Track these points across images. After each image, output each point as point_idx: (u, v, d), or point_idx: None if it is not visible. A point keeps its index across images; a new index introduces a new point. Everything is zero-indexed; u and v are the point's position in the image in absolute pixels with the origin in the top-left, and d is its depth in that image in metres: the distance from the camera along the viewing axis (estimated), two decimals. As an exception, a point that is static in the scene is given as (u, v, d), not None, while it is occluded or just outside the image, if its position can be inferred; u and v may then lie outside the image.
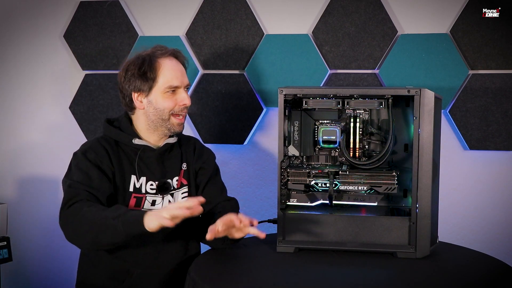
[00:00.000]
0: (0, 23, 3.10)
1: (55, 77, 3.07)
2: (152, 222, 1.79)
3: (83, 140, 3.00)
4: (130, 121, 2.16)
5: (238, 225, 1.93)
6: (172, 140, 2.16)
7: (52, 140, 3.09)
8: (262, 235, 1.93)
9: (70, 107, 3.03)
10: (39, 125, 3.11)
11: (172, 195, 2.14)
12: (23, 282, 3.17)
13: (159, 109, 2.08)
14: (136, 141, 2.10)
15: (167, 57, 2.10)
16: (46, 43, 3.06)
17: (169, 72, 2.08)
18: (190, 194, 2.18)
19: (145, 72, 2.06)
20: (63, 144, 3.08)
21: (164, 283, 2.12)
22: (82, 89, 2.99)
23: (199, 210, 1.82)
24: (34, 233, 3.13)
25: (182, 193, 2.17)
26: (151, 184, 2.11)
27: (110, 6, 2.94)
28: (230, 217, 1.92)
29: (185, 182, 2.18)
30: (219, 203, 2.18)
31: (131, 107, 2.13)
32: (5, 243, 2.83)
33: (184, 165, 2.19)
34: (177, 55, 2.14)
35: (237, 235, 1.99)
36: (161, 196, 2.12)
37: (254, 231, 1.94)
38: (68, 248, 3.08)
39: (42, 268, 3.14)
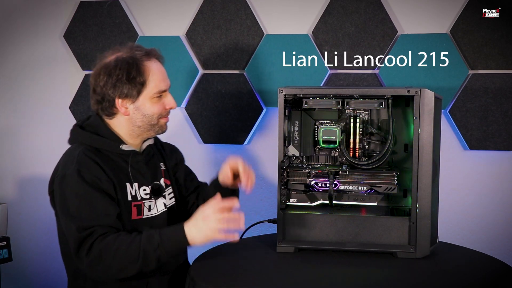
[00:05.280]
0: (0, 23, 3.10)
1: (55, 77, 3.07)
2: (198, 237, 1.82)
3: (83, 140, 3.00)
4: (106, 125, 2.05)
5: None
6: (151, 141, 2.12)
7: (52, 140, 3.09)
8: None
9: (70, 107, 3.03)
10: (39, 125, 3.11)
11: (164, 197, 2.12)
12: (23, 282, 3.17)
13: (148, 115, 2.00)
14: (124, 147, 2.02)
15: (151, 60, 2.01)
16: (46, 43, 3.06)
17: (157, 76, 1.99)
18: (174, 192, 2.17)
19: (134, 78, 1.95)
20: (63, 144, 3.06)
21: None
22: (82, 89, 2.99)
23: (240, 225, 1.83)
24: (34, 233, 3.13)
25: (168, 194, 2.14)
26: (144, 189, 2.05)
27: (110, 6, 2.94)
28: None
29: (168, 182, 2.16)
30: (199, 186, 2.29)
31: (110, 113, 2.02)
32: (5, 243, 2.83)
33: (162, 165, 2.16)
34: (157, 55, 2.04)
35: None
36: (154, 200, 2.07)
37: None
38: (68, 248, 3.09)
39: (42, 268, 3.13)
